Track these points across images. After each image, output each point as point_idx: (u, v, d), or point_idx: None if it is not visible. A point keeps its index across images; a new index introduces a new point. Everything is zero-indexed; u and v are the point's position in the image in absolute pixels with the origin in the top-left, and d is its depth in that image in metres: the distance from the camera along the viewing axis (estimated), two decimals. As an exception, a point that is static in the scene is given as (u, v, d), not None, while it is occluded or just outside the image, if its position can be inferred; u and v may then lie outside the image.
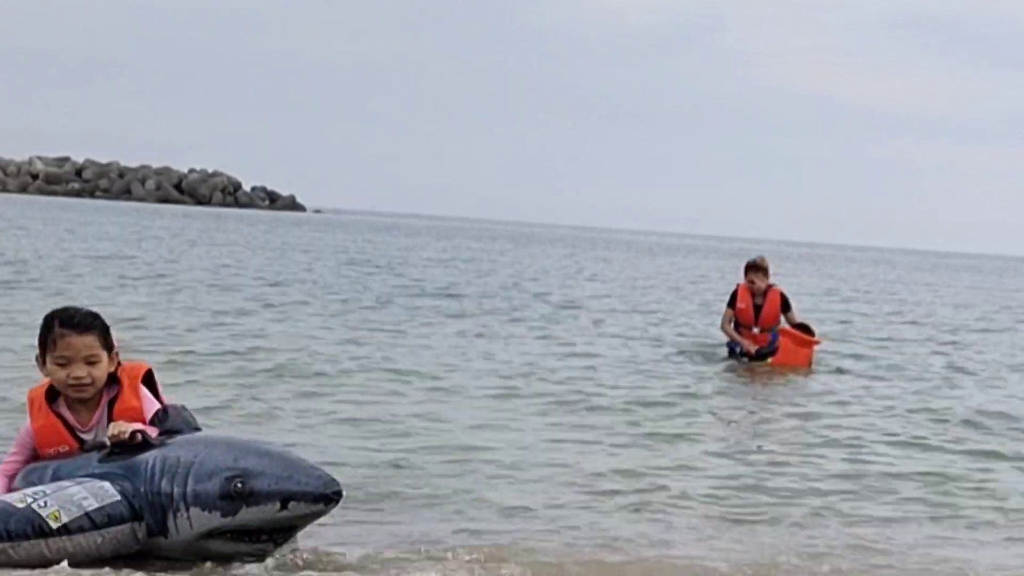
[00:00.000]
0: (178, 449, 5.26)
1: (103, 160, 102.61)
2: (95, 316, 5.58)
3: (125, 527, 5.18)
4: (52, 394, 5.55)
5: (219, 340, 12.76)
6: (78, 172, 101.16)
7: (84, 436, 5.50)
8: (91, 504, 5.13)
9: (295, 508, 5.10)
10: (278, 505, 5.08)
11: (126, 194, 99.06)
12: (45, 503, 5.11)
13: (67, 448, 5.47)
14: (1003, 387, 13.24)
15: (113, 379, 5.54)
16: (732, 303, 14.08)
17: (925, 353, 16.41)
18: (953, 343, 18.48)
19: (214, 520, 5.13)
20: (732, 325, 14.04)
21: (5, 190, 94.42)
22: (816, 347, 13.75)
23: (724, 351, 14.21)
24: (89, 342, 5.45)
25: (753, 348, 13.66)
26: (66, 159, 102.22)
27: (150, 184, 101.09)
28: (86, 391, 5.46)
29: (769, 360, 13.52)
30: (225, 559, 5.24)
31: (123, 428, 5.33)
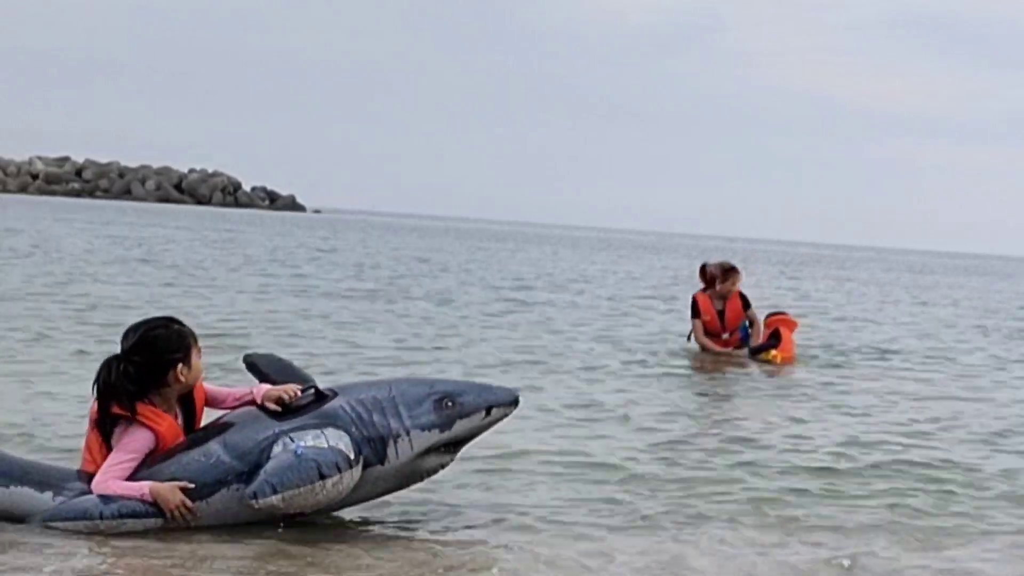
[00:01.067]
0: (364, 392, 6.02)
1: (103, 160, 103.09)
2: None
3: (361, 460, 5.85)
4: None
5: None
6: (78, 172, 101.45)
7: None
8: (346, 442, 5.78)
9: (496, 413, 6.14)
10: (484, 413, 6.08)
11: (126, 194, 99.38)
12: (336, 443, 5.74)
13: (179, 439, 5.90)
14: None
15: None
16: (696, 314, 13.88)
17: None
18: None
19: (434, 437, 5.98)
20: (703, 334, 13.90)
21: (5, 190, 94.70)
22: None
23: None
24: None
25: (728, 352, 13.68)
26: (66, 159, 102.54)
27: (150, 184, 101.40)
28: None
29: (773, 353, 13.39)
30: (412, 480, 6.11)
31: (279, 392, 5.88)
